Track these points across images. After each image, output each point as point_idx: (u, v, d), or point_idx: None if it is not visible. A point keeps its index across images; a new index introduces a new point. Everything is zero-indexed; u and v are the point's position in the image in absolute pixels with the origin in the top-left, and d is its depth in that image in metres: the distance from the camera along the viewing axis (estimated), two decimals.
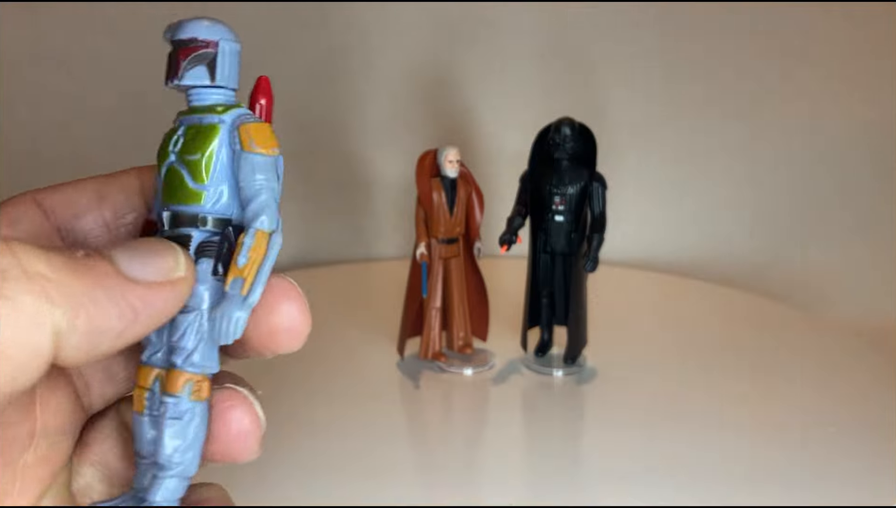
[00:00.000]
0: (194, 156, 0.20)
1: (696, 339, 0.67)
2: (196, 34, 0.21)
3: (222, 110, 0.21)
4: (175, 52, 0.21)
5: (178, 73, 0.21)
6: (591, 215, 0.57)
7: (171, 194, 0.21)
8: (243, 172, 0.20)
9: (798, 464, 0.46)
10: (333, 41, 0.89)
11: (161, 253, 0.19)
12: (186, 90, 0.21)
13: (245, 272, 0.20)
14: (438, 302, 0.60)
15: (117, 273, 0.18)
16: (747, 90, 0.91)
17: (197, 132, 0.21)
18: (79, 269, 0.17)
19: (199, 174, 0.20)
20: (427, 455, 0.49)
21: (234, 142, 0.21)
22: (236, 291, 0.20)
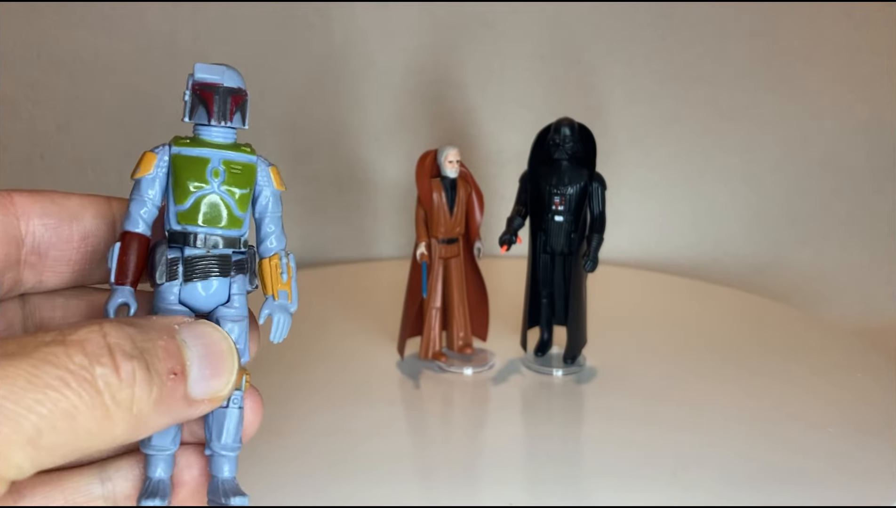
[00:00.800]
0: (243, 190, 0.24)
1: (696, 339, 0.67)
2: (241, 84, 0.25)
3: (250, 151, 0.25)
4: (225, 96, 0.24)
5: (231, 116, 0.24)
6: (591, 215, 0.57)
7: (213, 220, 0.24)
8: (272, 205, 0.26)
9: (798, 464, 0.46)
10: (334, 41, 0.89)
11: (225, 371, 0.22)
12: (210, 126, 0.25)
13: (288, 285, 0.25)
14: (438, 302, 0.60)
15: (185, 395, 0.21)
16: (747, 90, 0.91)
17: (244, 170, 0.25)
18: (160, 400, 0.20)
19: (245, 205, 0.25)
20: (427, 455, 0.49)
21: (266, 181, 0.25)
22: (284, 300, 0.25)
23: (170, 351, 0.21)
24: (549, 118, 0.58)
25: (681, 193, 0.93)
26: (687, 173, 0.93)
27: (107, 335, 0.19)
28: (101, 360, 0.18)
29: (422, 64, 0.90)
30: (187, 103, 0.24)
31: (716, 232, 0.93)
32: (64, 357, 0.18)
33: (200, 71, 0.24)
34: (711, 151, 0.92)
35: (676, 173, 0.93)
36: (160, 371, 0.20)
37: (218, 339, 0.22)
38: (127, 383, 0.19)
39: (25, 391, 0.17)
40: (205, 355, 0.22)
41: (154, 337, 0.20)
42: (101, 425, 0.18)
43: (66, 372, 0.18)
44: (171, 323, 0.22)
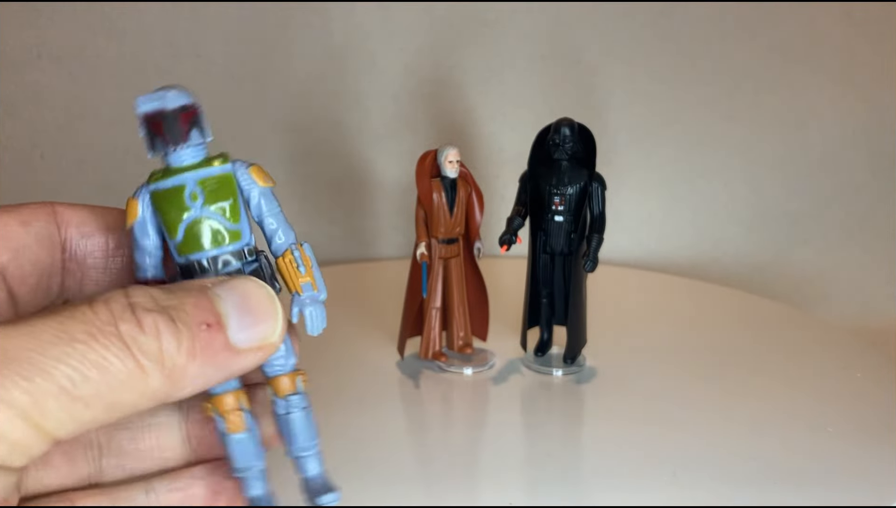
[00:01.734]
0: (226, 202, 0.24)
1: (696, 339, 0.67)
2: (187, 99, 0.24)
3: (223, 161, 0.25)
4: (174, 119, 0.24)
5: (186, 137, 0.24)
6: (591, 215, 0.57)
7: (210, 242, 0.24)
8: (265, 203, 0.25)
9: (798, 464, 0.46)
10: (334, 41, 0.89)
11: (267, 317, 0.22)
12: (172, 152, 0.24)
13: (309, 276, 0.25)
14: (438, 302, 0.60)
15: (226, 345, 0.21)
16: (747, 90, 0.91)
17: (217, 183, 0.24)
18: (197, 350, 0.20)
19: (236, 216, 0.24)
20: (427, 455, 0.49)
21: (250, 183, 0.25)
22: (310, 292, 0.25)
23: (200, 305, 0.21)
24: (549, 118, 0.58)
25: (681, 193, 0.93)
26: (687, 173, 0.93)
27: (129, 295, 0.20)
28: (123, 316, 0.19)
29: (422, 64, 0.90)
30: (144, 139, 0.24)
31: (715, 232, 0.93)
32: (90, 313, 0.19)
33: (141, 104, 0.24)
34: (711, 151, 0.92)
35: (676, 173, 0.93)
36: (188, 323, 0.20)
37: (254, 288, 0.22)
38: (151, 335, 0.19)
39: (53, 344, 0.18)
40: (241, 304, 0.22)
41: (182, 296, 0.21)
42: (134, 376, 0.19)
43: (92, 326, 0.19)
44: (204, 282, 0.22)
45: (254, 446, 0.25)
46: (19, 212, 0.24)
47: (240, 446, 0.25)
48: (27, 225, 0.24)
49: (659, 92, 0.91)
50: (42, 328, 0.18)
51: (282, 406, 0.25)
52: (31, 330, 0.18)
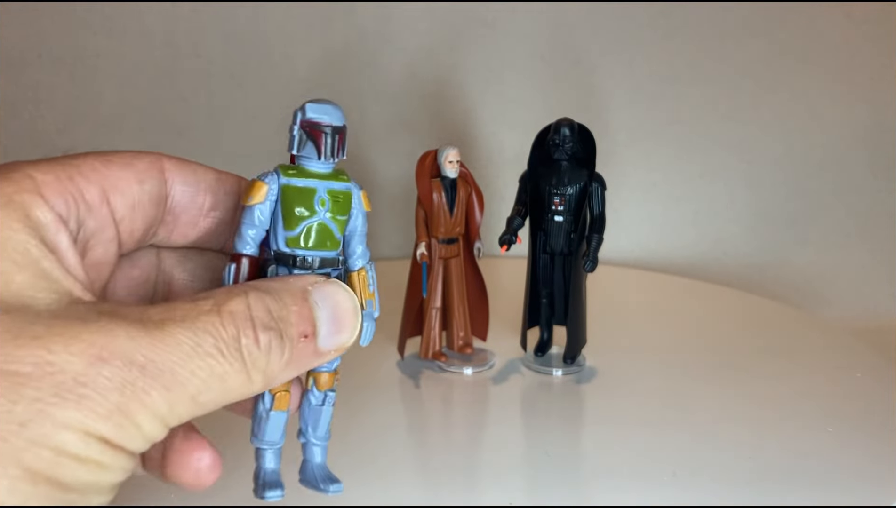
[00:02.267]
0: (344, 217, 0.27)
1: (696, 339, 0.67)
2: (344, 120, 0.27)
3: (347, 178, 0.27)
4: (334, 136, 0.27)
5: (338, 153, 0.27)
6: (591, 215, 0.57)
7: (318, 244, 0.26)
8: (362, 225, 0.28)
9: (798, 464, 0.46)
10: (334, 41, 0.89)
11: (351, 326, 0.26)
12: (316, 160, 0.27)
13: (373, 295, 0.29)
14: (438, 302, 0.60)
15: (314, 351, 0.25)
16: (747, 90, 0.91)
17: (344, 198, 0.27)
18: (293, 360, 0.24)
19: (343, 229, 0.27)
20: (427, 455, 0.49)
21: (359, 205, 0.28)
22: (371, 309, 0.29)
23: (303, 315, 0.24)
24: (549, 118, 0.58)
25: (680, 193, 0.93)
26: (687, 173, 0.93)
27: (251, 307, 0.23)
28: (245, 332, 0.22)
29: (422, 64, 0.90)
30: (295, 137, 0.26)
31: (715, 232, 0.93)
32: (220, 327, 0.22)
33: (312, 111, 0.27)
34: (711, 151, 0.92)
35: (676, 173, 0.93)
36: (292, 336, 0.24)
37: (345, 299, 0.26)
38: (264, 352, 0.23)
39: (190, 358, 0.21)
40: (333, 314, 0.25)
41: (289, 302, 0.24)
42: (243, 385, 0.22)
43: (220, 341, 0.22)
44: (305, 284, 0.25)
45: (284, 425, 0.27)
46: (135, 167, 0.26)
47: (275, 423, 0.27)
48: (143, 182, 0.26)
49: (659, 92, 0.91)
50: (182, 338, 0.21)
51: (318, 397, 0.28)
52: (174, 342, 0.21)
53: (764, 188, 0.92)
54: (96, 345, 0.19)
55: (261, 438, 0.27)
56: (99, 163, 0.25)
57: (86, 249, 0.25)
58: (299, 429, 0.29)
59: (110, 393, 0.19)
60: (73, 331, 0.19)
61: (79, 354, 0.19)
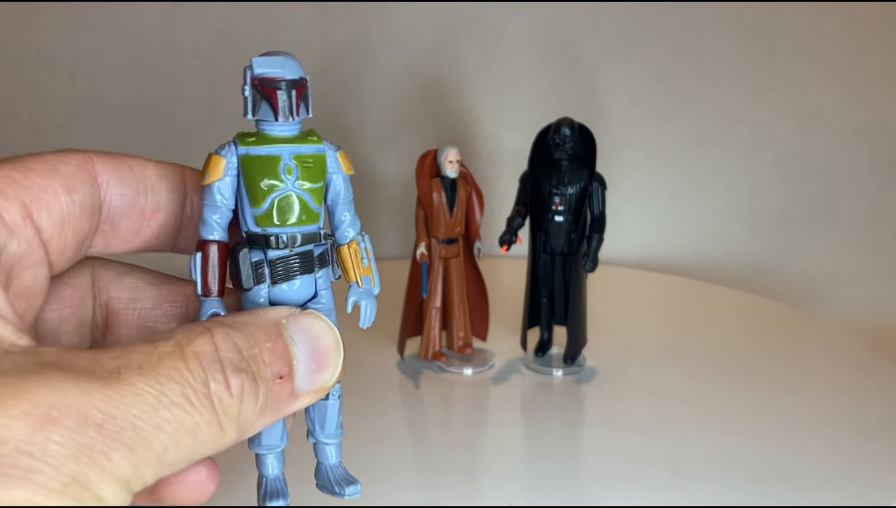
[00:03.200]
0: (317, 184, 0.24)
1: (696, 339, 0.67)
2: (302, 71, 0.24)
3: (318, 139, 0.24)
4: (289, 91, 0.23)
5: (298, 110, 0.23)
6: (591, 215, 0.57)
7: (294, 218, 0.23)
8: (345, 190, 0.25)
9: (798, 464, 0.46)
10: (334, 41, 0.89)
11: (331, 364, 0.23)
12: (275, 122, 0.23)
13: (369, 269, 0.25)
14: (438, 302, 0.60)
15: (291, 394, 0.22)
16: (747, 90, 0.91)
17: (315, 162, 0.24)
18: (268, 405, 0.21)
19: (320, 198, 0.24)
20: (427, 455, 0.49)
21: (336, 167, 0.25)
22: (368, 285, 0.26)
23: (277, 352, 0.21)
24: (549, 118, 0.58)
25: (681, 193, 0.93)
26: (687, 173, 0.93)
27: (218, 346, 0.20)
28: (214, 376, 0.19)
29: (422, 64, 0.90)
30: (248, 99, 0.23)
31: (716, 232, 0.93)
32: (186, 372, 0.19)
33: (260, 65, 0.23)
34: (711, 151, 0.92)
35: (676, 173, 0.93)
36: (266, 378, 0.21)
37: (324, 332, 0.23)
38: (236, 398, 0.20)
39: (155, 409, 0.18)
40: (311, 350, 0.22)
41: (261, 338, 0.21)
42: (215, 437, 0.19)
43: (188, 388, 0.19)
44: (279, 317, 0.22)
45: (282, 425, 0.25)
46: (61, 173, 0.23)
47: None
48: (72, 191, 0.23)
49: (659, 92, 0.91)
50: (143, 388, 0.18)
51: (337, 388, 0.26)
52: (135, 393, 0.18)
53: (764, 188, 0.92)
54: (42, 404, 0.16)
55: (258, 442, 0.25)
56: (17, 174, 0.22)
57: (10, 278, 0.21)
58: (308, 430, 0.26)
59: (64, 463, 0.16)
60: (12, 389, 0.16)
61: (21, 417, 0.16)
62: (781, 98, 0.91)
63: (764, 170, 0.92)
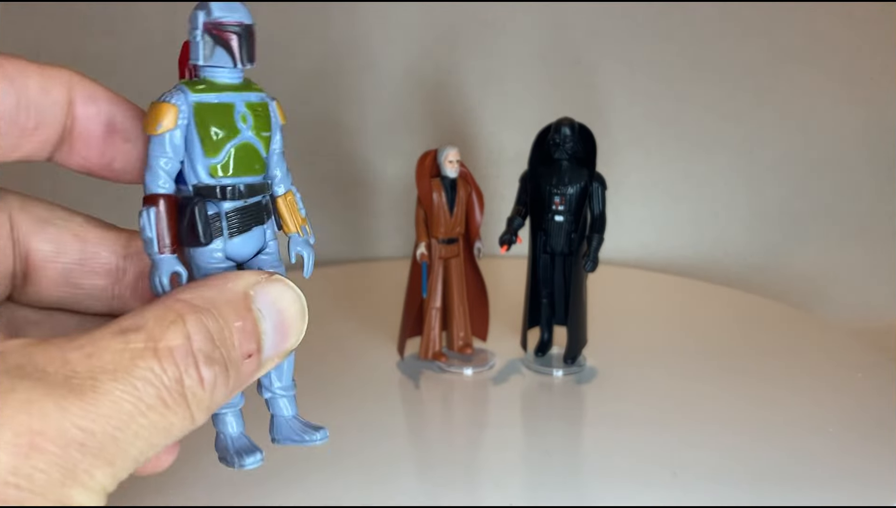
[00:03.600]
0: (268, 133, 0.23)
1: (696, 339, 0.67)
2: (251, 19, 0.23)
3: (259, 88, 0.23)
4: (247, 36, 0.22)
5: (254, 56, 0.23)
6: (591, 215, 0.57)
7: (248, 168, 0.23)
8: (279, 142, 0.24)
9: (798, 464, 0.46)
10: (334, 41, 0.89)
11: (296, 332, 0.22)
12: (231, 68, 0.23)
13: (305, 220, 0.25)
14: (438, 302, 0.60)
15: (258, 366, 0.21)
16: (747, 90, 0.91)
17: (262, 110, 0.23)
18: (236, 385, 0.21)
19: (268, 147, 0.24)
20: (427, 455, 0.49)
21: (276, 117, 0.24)
22: (307, 236, 0.25)
23: (246, 331, 0.21)
24: (549, 118, 0.58)
25: (681, 193, 0.93)
26: (687, 173, 0.93)
27: (191, 337, 0.19)
28: (188, 372, 0.19)
29: (422, 64, 0.90)
30: (199, 44, 0.22)
31: (716, 231, 0.93)
32: (160, 372, 0.18)
33: (218, 9, 0.22)
34: (712, 151, 0.92)
35: (676, 173, 0.93)
36: (236, 360, 0.20)
37: (292, 301, 0.22)
38: (209, 391, 0.20)
39: (132, 417, 0.18)
40: (278, 321, 0.22)
41: (230, 317, 0.20)
42: (186, 428, 0.19)
43: (163, 390, 0.18)
44: (246, 286, 0.21)
45: None
46: None
47: None
48: None
49: (659, 92, 0.91)
50: (120, 396, 0.17)
51: None
52: (112, 403, 0.17)
53: (764, 188, 0.92)
54: (25, 432, 0.16)
55: None
56: None
57: None
58: (259, 383, 0.25)
59: (50, 489, 0.16)
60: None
61: (5, 447, 0.15)
62: (782, 98, 0.91)
63: (764, 170, 0.92)
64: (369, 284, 0.82)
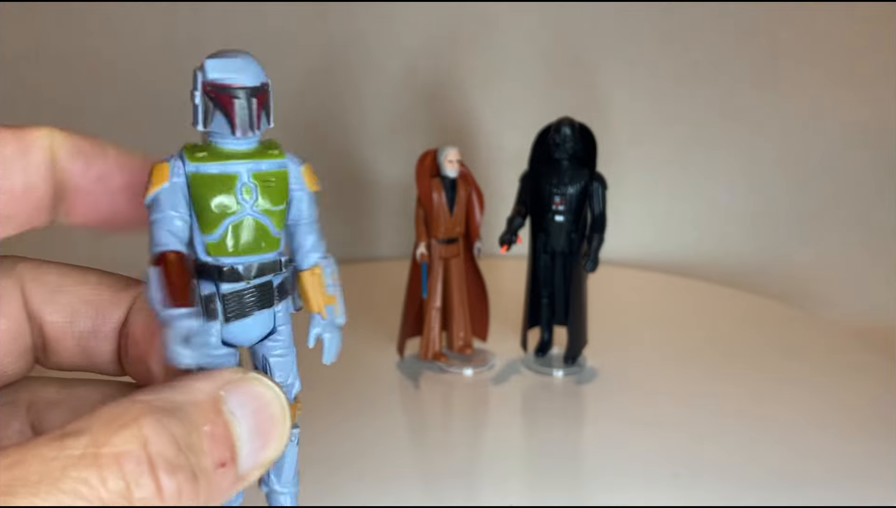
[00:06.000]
0: (278, 207, 0.20)
1: (697, 339, 0.67)
2: (263, 76, 0.20)
3: (279, 152, 0.21)
4: (249, 100, 0.20)
5: (258, 123, 0.20)
6: (592, 215, 0.57)
7: (250, 248, 0.20)
8: (307, 209, 0.22)
9: (798, 464, 0.46)
10: (333, 41, 0.89)
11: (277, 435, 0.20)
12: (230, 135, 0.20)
13: (333, 299, 0.22)
14: (438, 303, 0.60)
15: (235, 479, 0.18)
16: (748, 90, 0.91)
17: (278, 180, 0.20)
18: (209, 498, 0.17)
19: (282, 222, 0.21)
20: (427, 456, 0.49)
21: (300, 184, 0.21)
22: (332, 316, 0.22)
23: (217, 436, 0.18)
24: (549, 118, 0.58)
25: (682, 193, 0.93)
26: (688, 173, 0.93)
27: (147, 443, 0.16)
28: (140, 481, 0.16)
29: (422, 64, 0.90)
30: (198, 107, 0.20)
31: (717, 232, 0.92)
32: (97, 483, 0.15)
33: (214, 69, 0.19)
34: (712, 151, 0.92)
35: (677, 173, 0.93)
36: (207, 468, 0.17)
37: (269, 401, 0.19)
38: (171, 499, 0.16)
39: None
40: (255, 426, 0.19)
41: (199, 420, 0.18)
42: None
43: (98, 504, 0.15)
44: (215, 387, 0.19)
45: None
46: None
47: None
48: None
49: (660, 91, 0.91)
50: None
51: (296, 434, 0.23)
52: None
53: (765, 188, 0.92)
54: None
55: None
56: None
57: None
58: (260, 477, 0.22)
59: None
60: None
61: None
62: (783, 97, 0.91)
63: (765, 169, 0.92)
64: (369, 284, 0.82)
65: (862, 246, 0.90)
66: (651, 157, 0.92)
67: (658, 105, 0.91)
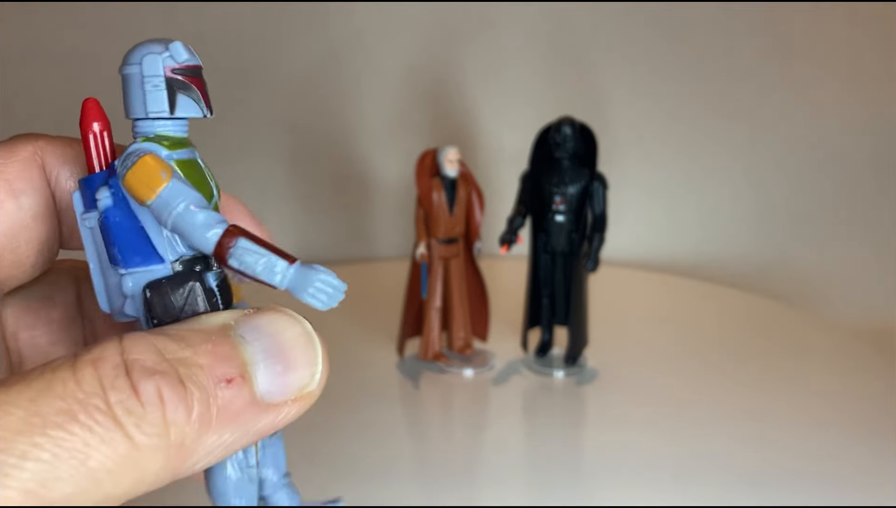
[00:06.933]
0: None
1: (697, 339, 0.67)
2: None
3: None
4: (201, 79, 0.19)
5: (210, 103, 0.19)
6: (592, 215, 0.57)
7: None
8: None
9: (798, 464, 0.46)
10: (333, 40, 0.89)
11: (304, 360, 0.18)
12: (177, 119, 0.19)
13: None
14: (438, 303, 0.60)
15: (252, 402, 0.17)
16: (748, 90, 0.91)
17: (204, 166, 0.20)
18: (214, 415, 0.16)
19: None
20: (427, 456, 0.49)
21: None
22: None
23: (219, 354, 0.17)
24: (550, 117, 0.58)
25: (683, 193, 0.93)
26: (689, 172, 0.93)
27: (126, 349, 0.16)
28: (115, 384, 0.15)
29: (422, 63, 0.90)
30: (162, 93, 0.19)
31: (718, 231, 0.92)
32: (71, 383, 0.15)
33: (181, 52, 0.18)
34: (713, 150, 0.92)
35: (678, 172, 0.93)
36: (202, 382, 0.16)
37: (287, 324, 0.18)
38: (152, 406, 0.15)
39: (20, 433, 0.14)
40: (272, 346, 0.18)
41: (197, 341, 0.17)
42: (126, 463, 0.15)
43: (72, 402, 0.14)
44: (225, 320, 0.18)
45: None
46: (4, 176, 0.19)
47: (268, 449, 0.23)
48: (18, 195, 0.19)
49: (661, 90, 0.91)
50: (9, 410, 0.14)
51: None
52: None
53: (767, 188, 0.92)
54: None
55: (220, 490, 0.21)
56: None
57: None
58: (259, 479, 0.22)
59: None
60: None
61: None
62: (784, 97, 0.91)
63: (766, 169, 0.92)
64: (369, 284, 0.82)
65: (863, 246, 0.90)
66: (652, 157, 0.92)
67: (659, 104, 0.91)
